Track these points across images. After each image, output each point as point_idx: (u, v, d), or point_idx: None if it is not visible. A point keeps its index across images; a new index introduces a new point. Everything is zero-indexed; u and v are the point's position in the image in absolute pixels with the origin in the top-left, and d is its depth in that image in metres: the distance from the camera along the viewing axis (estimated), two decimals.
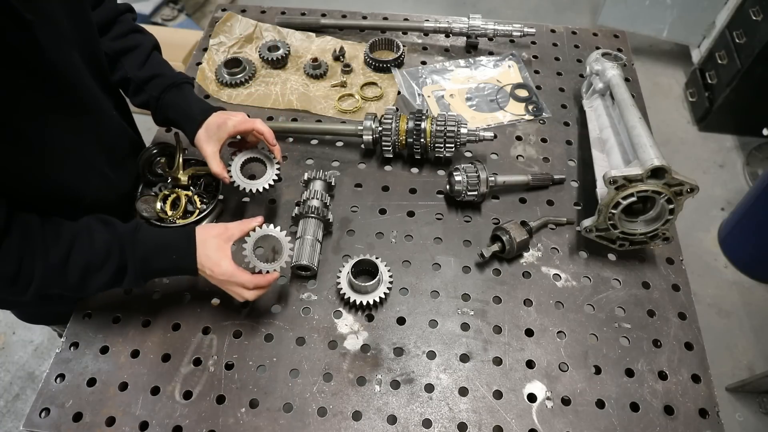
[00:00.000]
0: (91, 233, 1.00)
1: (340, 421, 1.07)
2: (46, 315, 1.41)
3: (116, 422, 1.06)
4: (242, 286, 1.08)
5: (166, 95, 1.25)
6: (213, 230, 1.09)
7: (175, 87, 1.26)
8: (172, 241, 1.07)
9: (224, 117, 1.21)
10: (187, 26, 3.80)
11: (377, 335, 1.18)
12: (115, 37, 1.25)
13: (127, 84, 1.27)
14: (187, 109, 1.25)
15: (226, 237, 1.09)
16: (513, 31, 1.72)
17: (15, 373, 2.44)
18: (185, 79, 1.30)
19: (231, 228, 1.10)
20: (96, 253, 0.99)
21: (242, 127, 1.21)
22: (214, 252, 1.06)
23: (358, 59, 1.75)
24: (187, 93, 1.28)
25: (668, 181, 1.13)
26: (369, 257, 1.23)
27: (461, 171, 1.33)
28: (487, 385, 1.11)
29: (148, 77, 1.25)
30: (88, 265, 0.98)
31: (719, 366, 2.47)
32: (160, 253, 1.05)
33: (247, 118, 1.23)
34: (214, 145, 1.21)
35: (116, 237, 1.02)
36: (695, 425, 1.08)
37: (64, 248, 0.96)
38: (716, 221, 2.98)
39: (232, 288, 1.09)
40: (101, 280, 1.01)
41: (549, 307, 1.23)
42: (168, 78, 1.27)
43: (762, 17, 2.92)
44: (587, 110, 1.54)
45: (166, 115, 1.27)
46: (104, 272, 1.00)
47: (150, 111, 1.30)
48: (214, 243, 1.07)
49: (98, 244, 0.99)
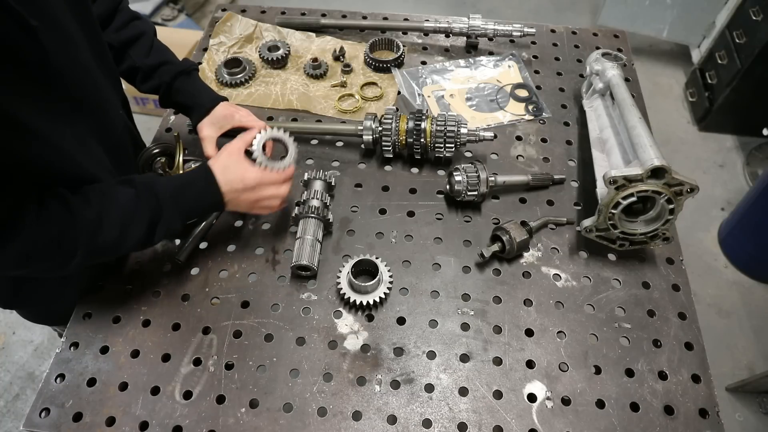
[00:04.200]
0: (116, 191, 1.01)
1: (340, 421, 1.07)
2: (51, 314, 1.41)
3: (116, 422, 1.06)
4: (274, 183, 1.14)
5: (176, 81, 1.31)
6: (222, 154, 1.13)
7: (185, 74, 1.32)
8: (191, 177, 1.11)
9: (232, 110, 1.30)
10: (187, 26, 3.80)
11: (377, 335, 1.18)
12: (118, 28, 1.28)
13: (135, 72, 1.32)
14: (198, 96, 1.32)
15: (236, 151, 1.13)
16: (513, 31, 1.72)
17: (15, 373, 2.44)
18: (193, 65, 1.36)
19: (234, 144, 1.15)
20: (127, 206, 1.00)
21: (246, 121, 1.30)
22: (236, 166, 1.11)
23: (358, 59, 1.75)
24: (196, 81, 1.35)
25: (668, 181, 1.13)
26: (369, 257, 1.23)
27: (461, 171, 1.33)
28: (487, 385, 1.12)
29: (157, 64, 1.31)
30: (124, 219, 0.99)
31: (719, 366, 2.47)
32: (185, 189, 1.08)
33: (251, 117, 1.32)
34: (214, 131, 1.30)
35: (140, 187, 1.03)
36: (695, 425, 1.08)
37: (96, 209, 0.97)
38: (716, 221, 2.98)
39: (266, 192, 1.14)
40: (139, 231, 1.01)
41: (549, 307, 1.23)
42: (178, 65, 1.33)
43: (762, 17, 2.92)
44: (587, 110, 1.54)
45: (176, 99, 1.34)
46: (140, 221, 1.01)
47: (158, 95, 1.35)
48: (231, 160, 1.12)
49: (126, 198, 1.01)
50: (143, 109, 3.34)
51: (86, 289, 1.23)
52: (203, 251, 1.31)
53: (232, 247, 1.32)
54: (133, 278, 1.25)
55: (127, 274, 1.26)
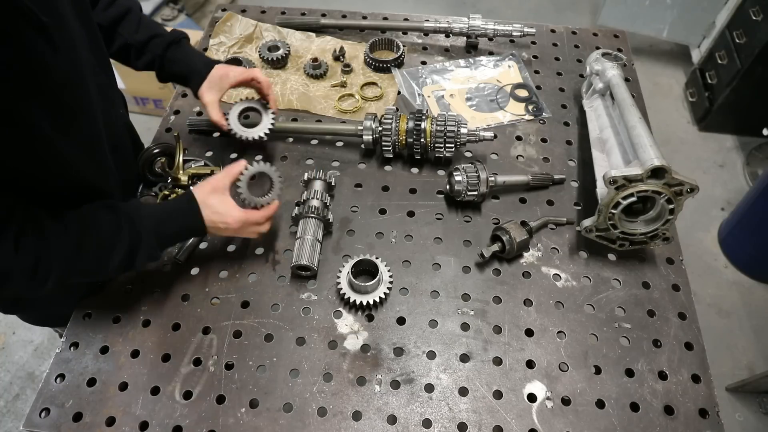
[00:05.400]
0: (96, 216, 1.01)
1: (340, 421, 1.07)
2: (51, 317, 1.41)
3: (116, 422, 1.06)
4: (256, 223, 1.17)
5: (168, 52, 1.32)
6: (206, 188, 1.13)
7: (175, 44, 1.33)
8: (175, 206, 1.12)
9: (226, 69, 1.33)
10: (187, 26, 3.79)
11: (377, 335, 1.18)
12: (105, 7, 1.28)
13: (128, 50, 1.32)
14: (191, 63, 1.33)
15: (221, 188, 1.14)
16: (513, 31, 1.72)
17: (15, 373, 2.44)
18: (182, 35, 1.37)
19: (220, 179, 1.15)
20: (106, 233, 1.00)
21: (242, 77, 1.32)
22: (220, 206, 1.12)
23: (358, 59, 1.75)
24: (187, 48, 1.35)
25: (668, 181, 1.13)
26: (369, 257, 1.23)
27: (461, 171, 1.33)
28: (487, 385, 1.11)
29: (147, 39, 1.31)
30: (101, 245, 1.00)
31: (719, 366, 2.47)
32: (169, 218, 1.09)
33: (246, 69, 1.35)
34: (215, 94, 1.32)
35: (122, 214, 1.03)
36: (695, 425, 1.08)
37: (74, 235, 0.97)
38: (716, 221, 2.98)
39: (248, 230, 1.17)
40: (117, 258, 1.01)
41: (549, 307, 1.23)
42: (167, 36, 1.33)
43: (762, 17, 2.92)
44: (587, 110, 1.54)
45: (171, 70, 1.34)
46: (119, 249, 1.01)
47: (155, 70, 1.36)
48: (217, 199, 1.13)
49: (106, 225, 1.01)
50: (143, 109, 3.33)
51: (86, 290, 1.23)
52: (203, 251, 1.31)
53: (232, 247, 1.32)
54: (133, 278, 1.25)
55: (127, 274, 1.26)
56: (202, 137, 1.54)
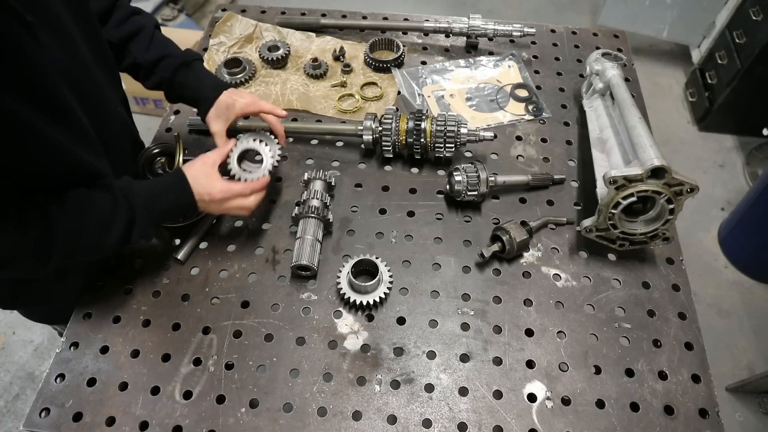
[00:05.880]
0: (93, 197, 1.03)
1: (340, 421, 1.07)
2: (51, 313, 1.41)
3: (116, 422, 1.06)
4: (240, 195, 1.17)
5: (177, 75, 1.29)
6: (196, 163, 1.17)
7: (185, 66, 1.29)
8: (166, 183, 1.14)
9: (233, 98, 1.28)
10: (187, 26, 3.80)
11: (377, 335, 1.18)
12: (117, 24, 1.26)
13: (137, 69, 1.30)
14: (199, 88, 1.29)
15: (210, 163, 1.17)
16: (513, 31, 1.72)
17: (15, 373, 2.44)
18: (194, 56, 1.33)
19: (210, 156, 1.19)
20: (104, 211, 1.02)
21: (249, 109, 1.29)
22: (205, 179, 1.15)
23: (358, 59, 1.75)
24: (197, 71, 1.31)
25: (668, 181, 1.13)
26: (369, 257, 1.23)
27: (461, 171, 1.33)
28: (487, 385, 1.11)
29: (156, 59, 1.28)
30: (100, 225, 1.01)
31: (719, 366, 2.47)
32: (161, 195, 1.11)
33: (254, 100, 1.30)
34: (222, 124, 1.28)
35: (117, 193, 1.05)
36: (695, 425, 1.08)
37: (73, 214, 0.98)
38: (716, 221, 2.98)
39: (233, 203, 1.17)
40: (114, 236, 1.03)
41: (549, 307, 1.23)
42: (177, 57, 1.30)
43: (762, 17, 2.92)
44: (587, 110, 1.54)
45: (180, 93, 1.32)
46: (116, 226, 1.03)
47: (163, 91, 1.33)
48: (202, 171, 1.15)
49: (103, 204, 1.03)
50: (143, 109, 3.34)
51: (86, 289, 1.23)
52: (203, 251, 1.31)
53: (232, 247, 1.32)
54: (133, 278, 1.25)
55: (127, 274, 1.26)
56: (202, 137, 1.55)
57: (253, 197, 1.20)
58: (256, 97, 1.31)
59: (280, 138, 1.31)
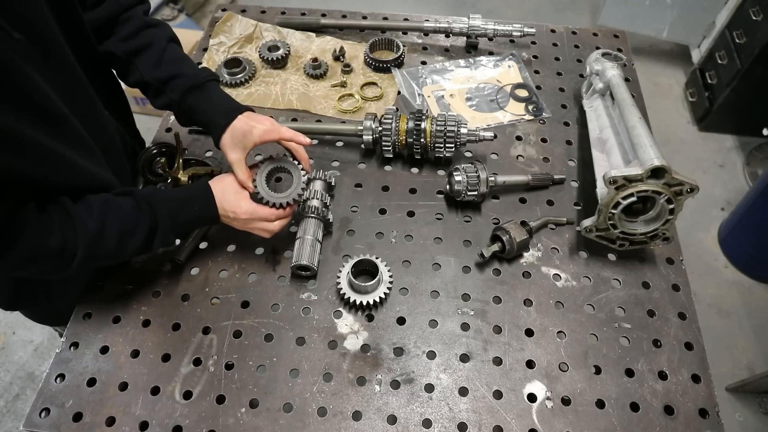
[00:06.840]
0: (117, 202, 1.03)
1: (340, 421, 1.07)
2: (52, 313, 1.41)
3: (116, 422, 1.06)
4: (265, 219, 1.16)
5: (187, 98, 1.19)
6: (226, 178, 1.17)
7: (197, 88, 1.19)
8: (191, 194, 1.13)
9: (250, 124, 1.15)
10: (187, 26, 3.80)
11: (377, 335, 1.18)
12: (125, 37, 1.19)
13: (146, 86, 1.23)
14: (211, 113, 1.19)
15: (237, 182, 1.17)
16: (513, 31, 1.72)
17: (15, 373, 2.44)
18: (208, 76, 1.22)
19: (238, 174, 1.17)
20: (127, 218, 1.03)
21: (268, 137, 1.16)
22: (232, 196, 1.14)
23: (358, 59, 1.75)
24: (210, 94, 1.21)
25: (668, 181, 1.13)
26: (369, 257, 1.23)
27: (461, 171, 1.33)
28: (487, 385, 1.11)
29: (166, 78, 1.19)
30: (123, 230, 1.02)
31: (719, 366, 2.47)
32: (184, 206, 1.11)
33: (273, 125, 1.18)
34: (240, 152, 1.16)
35: (140, 200, 1.05)
36: (695, 425, 1.08)
37: (98, 218, 0.99)
38: (716, 221, 2.98)
39: (256, 225, 1.17)
40: (136, 243, 1.04)
41: (549, 307, 1.23)
42: (189, 78, 1.20)
43: (762, 17, 2.92)
44: (587, 110, 1.54)
45: (190, 118, 1.23)
46: (138, 234, 1.04)
47: (173, 113, 1.26)
48: (231, 188, 1.15)
49: (127, 210, 1.03)
50: (143, 109, 3.34)
51: (86, 289, 1.24)
52: (203, 251, 1.31)
53: (232, 247, 1.32)
54: (133, 278, 1.25)
55: (127, 274, 1.26)
56: (202, 137, 1.54)
57: (278, 223, 1.18)
58: (275, 122, 1.20)
59: (304, 164, 1.22)
